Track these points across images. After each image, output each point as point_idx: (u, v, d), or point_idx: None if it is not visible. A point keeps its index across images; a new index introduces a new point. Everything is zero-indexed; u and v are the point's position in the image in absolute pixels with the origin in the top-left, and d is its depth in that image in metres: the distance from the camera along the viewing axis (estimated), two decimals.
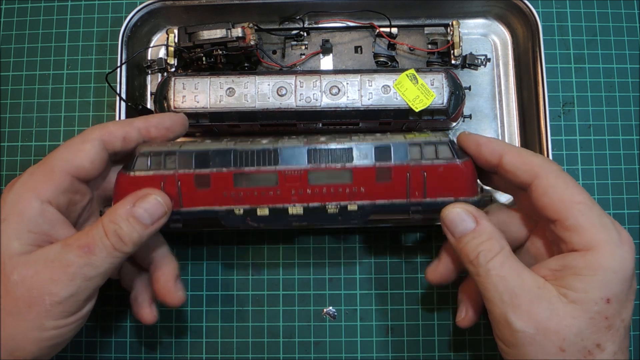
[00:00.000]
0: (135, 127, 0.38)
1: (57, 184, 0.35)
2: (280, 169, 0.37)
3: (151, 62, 0.48)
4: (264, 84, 0.44)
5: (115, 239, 0.34)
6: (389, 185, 0.37)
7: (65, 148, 0.36)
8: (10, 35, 0.51)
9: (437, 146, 0.37)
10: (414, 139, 0.37)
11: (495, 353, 0.46)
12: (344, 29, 0.50)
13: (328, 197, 0.37)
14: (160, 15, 0.48)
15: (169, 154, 0.37)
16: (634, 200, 0.48)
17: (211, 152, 0.37)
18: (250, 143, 0.37)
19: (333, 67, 0.49)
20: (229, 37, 0.45)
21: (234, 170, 0.37)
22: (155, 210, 0.35)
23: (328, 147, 0.37)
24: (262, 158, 0.37)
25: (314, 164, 0.37)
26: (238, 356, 0.46)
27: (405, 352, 0.46)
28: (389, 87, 0.43)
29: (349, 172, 0.37)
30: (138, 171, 0.37)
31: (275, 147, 0.37)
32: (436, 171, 0.37)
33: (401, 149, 0.37)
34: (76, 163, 0.36)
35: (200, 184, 0.37)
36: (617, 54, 0.50)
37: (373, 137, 0.38)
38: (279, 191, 0.37)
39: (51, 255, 0.33)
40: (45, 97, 0.50)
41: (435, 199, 0.37)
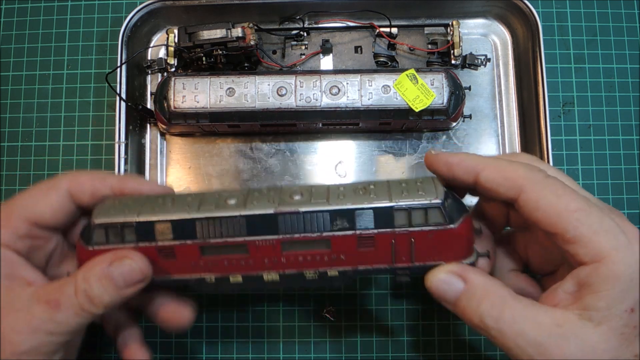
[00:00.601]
0: (107, 185, 0.36)
1: (14, 229, 0.34)
2: (249, 240, 0.33)
3: (151, 62, 0.49)
4: (264, 84, 0.44)
5: (84, 299, 0.32)
6: (371, 252, 0.33)
7: (29, 193, 0.35)
8: (10, 35, 0.51)
9: (427, 210, 0.32)
10: (399, 202, 0.32)
11: (495, 353, 0.46)
12: (344, 29, 0.50)
13: (305, 264, 0.34)
14: (160, 15, 0.48)
15: (126, 225, 0.34)
16: (634, 200, 0.48)
17: (172, 223, 0.34)
18: (214, 208, 0.34)
19: (333, 67, 0.49)
20: (229, 37, 0.45)
21: (200, 243, 0.34)
22: (130, 275, 0.33)
23: (301, 211, 0.33)
24: (228, 227, 0.33)
25: (286, 234, 0.33)
26: None
27: (405, 352, 0.46)
28: (389, 87, 0.43)
29: (327, 241, 0.33)
30: (96, 245, 0.34)
31: (243, 214, 0.33)
32: (425, 237, 0.33)
33: (386, 215, 0.32)
34: (36, 211, 0.35)
35: (164, 255, 0.34)
36: (617, 54, 0.50)
37: (354, 193, 0.33)
38: (251, 261, 0.34)
39: (18, 304, 0.32)
40: (45, 97, 0.50)
41: (424, 263, 0.33)
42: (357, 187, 0.34)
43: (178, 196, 0.35)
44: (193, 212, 0.33)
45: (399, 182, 0.34)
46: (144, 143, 0.49)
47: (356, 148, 0.49)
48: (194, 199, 0.34)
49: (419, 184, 0.33)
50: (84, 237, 0.34)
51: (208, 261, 0.34)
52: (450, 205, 0.33)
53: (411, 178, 0.35)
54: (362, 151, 0.49)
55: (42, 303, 0.32)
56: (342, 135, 0.49)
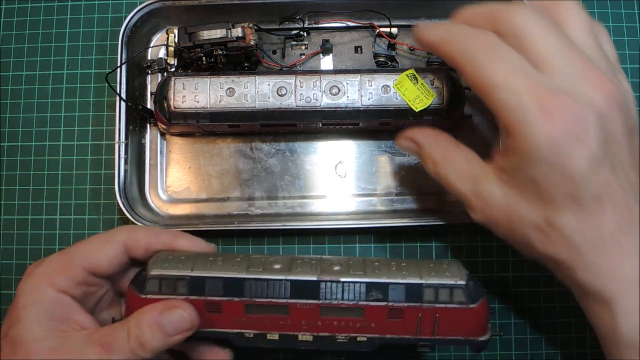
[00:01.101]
0: (160, 241, 0.39)
1: (72, 276, 0.36)
2: (291, 302, 0.37)
3: (151, 62, 0.49)
4: (264, 84, 0.44)
5: (136, 344, 0.34)
6: (400, 322, 0.37)
7: (88, 244, 0.38)
8: (10, 35, 0.51)
9: (452, 290, 0.36)
10: (429, 280, 0.36)
11: (495, 353, 0.46)
12: (344, 29, 0.50)
13: (338, 328, 0.37)
14: (160, 15, 0.48)
15: (179, 279, 0.37)
16: None
17: (223, 280, 0.37)
18: (262, 270, 0.37)
19: (333, 67, 0.49)
20: (229, 37, 0.45)
21: (246, 301, 0.37)
22: (180, 324, 0.36)
23: (341, 280, 0.37)
24: (274, 288, 0.37)
25: (326, 300, 0.37)
26: None
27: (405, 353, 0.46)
28: (389, 87, 0.43)
29: (361, 309, 0.37)
30: (149, 294, 0.37)
31: (288, 278, 0.37)
32: (449, 313, 0.37)
33: (416, 290, 0.36)
34: (94, 261, 0.37)
35: (212, 309, 0.37)
36: (617, 54, 0.50)
37: (387, 268, 0.37)
38: (290, 321, 0.37)
39: (72, 346, 0.34)
40: (45, 97, 0.50)
41: (445, 336, 0.37)
42: (390, 263, 0.38)
43: (226, 255, 0.39)
44: (242, 272, 0.37)
45: (427, 262, 0.38)
46: (144, 143, 0.49)
47: (356, 148, 0.49)
48: (242, 260, 0.38)
49: (445, 266, 0.38)
50: (136, 285, 0.37)
51: (250, 318, 0.37)
52: (472, 287, 0.37)
53: (438, 260, 0.40)
54: (362, 151, 0.49)
55: (95, 346, 0.34)
56: (342, 135, 0.49)
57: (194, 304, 0.37)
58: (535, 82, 0.31)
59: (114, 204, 0.48)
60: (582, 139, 0.31)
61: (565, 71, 0.32)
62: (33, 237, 0.48)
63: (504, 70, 0.32)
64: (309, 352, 0.40)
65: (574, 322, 0.46)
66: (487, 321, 0.38)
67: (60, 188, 0.49)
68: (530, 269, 0.47)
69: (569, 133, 0.30)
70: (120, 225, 0.40)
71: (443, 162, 0.38)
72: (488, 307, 0.38)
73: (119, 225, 0.48)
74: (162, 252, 0.39)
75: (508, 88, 0.32)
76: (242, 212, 0.48)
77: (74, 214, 0.49)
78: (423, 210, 0.48)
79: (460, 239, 0.48)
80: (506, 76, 0.32)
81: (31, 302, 0.35)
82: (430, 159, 0.39)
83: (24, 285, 0.36)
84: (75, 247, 0.38)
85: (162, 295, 0.37)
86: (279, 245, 0.48)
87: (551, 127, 0.30)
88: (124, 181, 0.46)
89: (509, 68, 0.32)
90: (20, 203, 0.49)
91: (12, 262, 0.48)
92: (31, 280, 0.36)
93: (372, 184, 0.48)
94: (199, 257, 0.38)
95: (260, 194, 0.48)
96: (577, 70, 0.32)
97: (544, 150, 0.31)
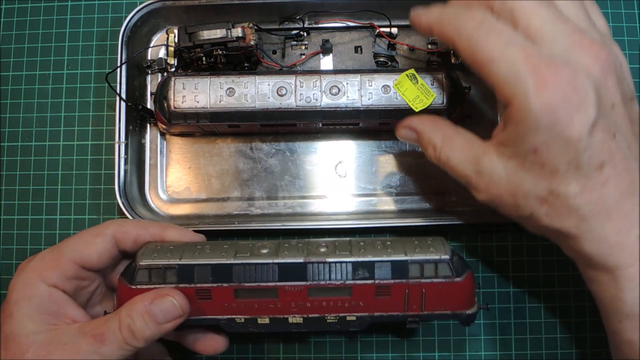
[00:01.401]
0: (149, 233, 0.40)
1: (63, 271, 0.37)
2: (280, 285, 0.37)
3: (151, 62, 0.48)
4: (264, 84, 0.44)
5: (127, 333, 0.35)
6: (387, 300, 0.37)
7: (78, 238, 0.38)
8: (10, 35, 0.51)
9: (437, 264, 0.37)
10: (414, 256, 0.37)
11: (495, 353, 0.46)
12: (344, 29, 0.50)
13: (327, 309, 0.38)
14: (160, 15, 0.48)
15: (168, 267, 0.37)
16: None
17: (211, 267, 0.37)
18: (249, 255, 0.38)
19: (333, 67, 0.49)
20: (229, 37, 0.45)
21: (235, 286, 0.37)
22: (170, 311, 0.36)
23: (327, 261, 0.37)
24: (262, 273, 0.37)
25: (313, 281, 0.37)
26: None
27: (405, 352, 0.46)
28: (389, 87, 0.43)
29: (349, 288, 0.37)
30: (139, 284, 0.37)
31: (276, 261, 0.37)
32: (435, 288, 0.37)
33: (402, 267, 0.37)
34: (84, 254, 0.38)
35: (201, 297, 0.38)
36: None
37: (373, 247, 0.38)
38: (280, 304, 0.38)
39: (65, 338, 0.35)
40: (45, 97, 0.50)
41: (432, 311, 0.38)
42: (375, 242, 0.38)
43: (214, 244, 0.39)
44: (230, 257, 0.37)
45: (412, 240, 0.39)
46: (144, 143, 0.49)
47: (356, 148, 0.49)
48: (229, 247, 0.38)
49: (429, 242, 0.38)
50: (126, 277, 0.38)
51: (240, 303, 0.38)
52: (456, 261, 0.37)
53: (422, 237, 0.39)
54: (362, 151, 0.49)
55: (88, 337, 0.35)
56: (342, 135, 0.49)
57: (184, 292, 0.37)
58: (530, 53, 0.32)
59: (114, 204, 0.48)
60: (580, 105, 0.31)
61: (559, 41, 0.32)
62: (33, 237, 0.48)
63: (498, 44, 0.32)
64: (300, 333, 0.40)
65: (574, 322, 0.46)
66: (473, 294, 0.38)
67: (60, 188, 0.49)
68: (530, 269, 0.47)
69: (567, 100, 0.31)
70: (109, 220, 0.40)
71: (443, 145, 0.38)
72: (474, 281, 0.38)
73: None
74: (151, 244, 0.39)
75: (504, 60, 0.32)
76: (242, 212, 0.48)
77: (74, 214, 0.49)
78: (423, 210, 0.48)
79: (460, 239, 0.48)
80: (501, 49, 0.32)
81: (23, 297, 0.36)
82: (431, 144, 0.39)
83: (16, 280, 0.37)
84: (66, 242, 0.38)
85: (152, 285, 0.37)
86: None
87: (549, 95, 0.31)
88: (124, 181, 0.46)
89: (503, 41, 0.32)
90: (20, 203, 0.49)
91: (12, 262, 0.48)
92: (23, 275, 0.37)
93: (372, 184, 0.48)
94: (187, 247, 0.39)
95: (260, 194, 0.48)
96: (570, 39, 0.32)
97: (543, 119, 0.31)
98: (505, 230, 0.48)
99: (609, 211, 0.32)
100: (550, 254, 0.47)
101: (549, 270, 0.47)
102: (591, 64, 0.32)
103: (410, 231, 0.48)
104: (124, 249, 0.39)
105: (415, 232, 0.48)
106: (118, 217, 0.48)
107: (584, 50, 0.32)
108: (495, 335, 0.46)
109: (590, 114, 0.31)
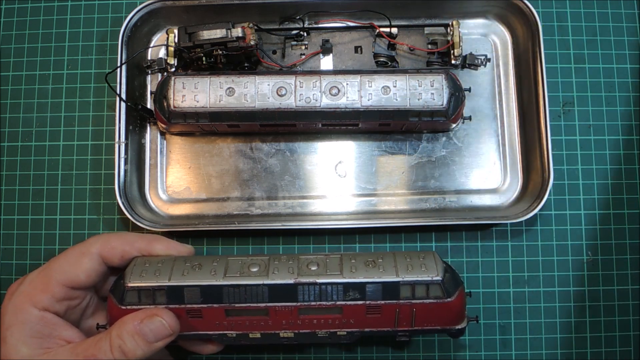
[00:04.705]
0: (135, 248, 0.40)
1: (53, 294, 0.37)
2: (270, 306, 0.37)
3: (151, 62, 0.48)
4: (264, 84, 0.43)
5: (119, 353, 0.36)
6: (378, 317, 0.38)
7: (65, 259, 0.39)
8: (10, 35, 0.51)
9: (429, 286, 0.37)
10: (405, 277, 0.37)
11: (495, 353, 0.46)
12: (344, 29, 0.50)
13: (318, 326, 0.38)
14: (160, 15, 0.48)
15: (158, 289, 0.37)
16: (634, 200, 0.48)
17: (201, 288, 0.37)
18: (239, 275, 0.37)
19: (333, 67, 0.49)
20: (229, 37, 0.45)
21: (225, 307, 0.37)
22: (160, 331, 0.37)
23: (318, 282, 0.37)
24: (252, 294, 0.37)
25: (304, 302, 0.37)
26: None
27: (405, 353, 0.46)
28: (389, 88, 0.43)
29: (340, 308, 0.37)
30: (129, 305, 0.37)
31: (266, 282, 0.37)
32: (426, 308, 0.37)
33: (393, 288, 0.37)
34: (72, 276, 0.38)
35: (192, 315, 0.38)
36: (617, 54, 0.50)
37: (364, 265, 0.38)
38: (271, 322, 0.38)
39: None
40: (45, 97, 0.50)
41: (422, 327, 0.38)
42: (367, 260, 0.38)
43: (203, 260, 0.39)
44: (219, 278, 0.38)
45: (403, 255, 0.38)
46: (144, 143, 0.49)
47: (356, 148, 0.49)
48: (219, 263, 0.38)
49: (421, 260, 0.38)
50: (115, 295, 0.38)
51: (231, 321, 0.38)
52: (448, 279, 0.37)
53: (414, 252, 0.39)
54: (362, 151, 0.49)
55: (80, 358, 0.36)
56: (342, 135, 0.49)
57: (174, 311, 0.37)
58: None
59: (114, 204, 0.48)
60: None
61: None
62: (33, 237, 0.48)
63: None
64: (299, 346, 0.40)
65: (574, 321, 0.46)
66: (463, 310, 0.39)
67: (60, 188, 0.49)
68: (530, 269, 0.47)
69: None
70: (94, 235, 0.41)
71: None
72: (464, 296, 0.39)
73: (117, 226, 0.48)
74: (138, 259, 0.39)
75: None
76: (242, 212, 0.48)
77: (74, 214, 0.49)
78: (423, 210, 0.48)
79: (460, 239, 0.48)
80: None
81: (15, 322, 0.36)
82: None
83: (7, 305, 0.37)
84: (52, 262, 0.39)
85: (142, 306, 0.37)
86: (279, 245, 0.48)
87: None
88: (124, 181, 0.46)
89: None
90: (20, 203, 0.49)
91: (12, 262, 0.48)
92: (14, 300, 0.37)
93: (372, 184, 0.48)
94: (176, 263, 0.39)
95: (260, 194, 0.48)
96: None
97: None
98: (505, 230, 0.48)
99: None
100: (550, 254, 0.47)
101: (549, 270, 0.47)
102: None
103: (410, 231, 0.48)
104: (111, 265, 0.40)
105: (415, 231, 0.48)
106: (118, 217, 0.48)
107: None
108: (495, 335, 0.46)
109: None
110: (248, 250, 0.48)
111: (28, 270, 0.47)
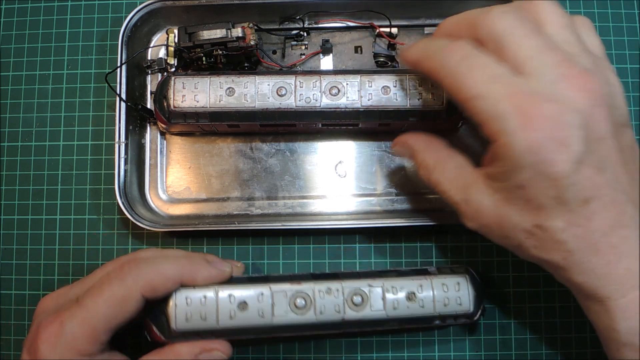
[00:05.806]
0: (178, 283, 0.38)
1: (100, 341, 0.36)
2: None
3: (151, 62, 0.49)
4: (264, 84, 0.44)
5: None
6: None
7: (105, 304, 0.36)
8: (10, 35, 0.51)
9: (458, 315, 0.40)
10: (442, 312, 0.40)
11: (495, 353, 0.46)
12: (344, 29, 0.50)
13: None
14: (160, 15, 0.48)
15: (206, 332, 0.38)
16: None
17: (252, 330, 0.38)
18: (285, 314, 0.38)
19: (333, 67, 0.49)
20: (229, 37, 0.45)
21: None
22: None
23: (363, 320, 0.39)
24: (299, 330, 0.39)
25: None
26: None
27: (405, 352, 0.46)
28: (389, 88, 0.43)
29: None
30: (175, 339, 0.38)
31: (313, 321, 0.39)
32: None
33: (427, 320, 0.40)
34: (116, 322, 0.37)
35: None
36: (617, 54, 0.50)
37: (407, 301, 0.39)
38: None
39: None
40: (45, 97, 0.50)
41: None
42: (409, 292, 0.40)
43: (245, 291, 0.39)
44: (268, 319, 0.38)
45: (440, 282, 0.40)
46: (144, 143, 0.49)
47: (356, 148, 0.49)
48: (264, 297, 0.39)
49: (456, 289, 0.40)
50: (158, 326, 0.38)
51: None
52: (475, 306, 0.40)
53: (449, 273, 0.42)
54: (362, 151, 0.49)
55: None
56: (342, 135, 0.49)
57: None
58: (514, 89, 0.31)
59: (114, 204, 0.48)
60: (564, 142, 0.30)
61: (545, 73, 0.31)
62: (33, 237, 0.48)
63: (481, 79, 0.32)
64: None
65: (574, 321, 0.46)
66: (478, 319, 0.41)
67: (60, 188, 0.49)
68: (530, 269, 0.47)
69: (551, 138, 0.30)
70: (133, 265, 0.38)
71: (435, 168, 0.38)
72: (484, 311, 0.41)
73: (117, 226, 0.48)
74: (178, 297, 0.38)
75: (487, 97, 0.31)
76: (242, 212, 0.48)
77: (74, 214, 0.49)
78: (423, 210, 0.48)
79: (460, 239, 0.48)
80: (484, 86, 0.32)
81: None
82: (423, 165, 0.39)
83: (49, 352, 0.35)
84: (91, 305, 0.36)
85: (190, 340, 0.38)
86: (279, 245, 0.48)
87: (532, 133, 0.30)
88: (124, 181, 0.46)
89: (486, 77, 0.32)
90: (20, 203, 0.49)
91: (12, 262, 0.48)
92: (58, 351, 0.36)
93: (372, 184, 0.48)
94: (220, 303, 0.38)
95: (260, 194, 0.48)
96: (557, 71, 0.31)
97: (527, 157, 0.31)
98: None
99: (596, 245, 0.32)
100: None
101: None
102: (579, 97, 0.31)
103: (410, 231, 0.48)
104: (153, 300, 0.38)
105: (415, 231, 0.48)
106: (118, 217, 0.48)
107: (571, 83, 0.31)
108: (495, 335, 0.46)
109: (575, 151, 0.30)
110: (248, 250, 0.48)
111: (28, 270, 0.48)
